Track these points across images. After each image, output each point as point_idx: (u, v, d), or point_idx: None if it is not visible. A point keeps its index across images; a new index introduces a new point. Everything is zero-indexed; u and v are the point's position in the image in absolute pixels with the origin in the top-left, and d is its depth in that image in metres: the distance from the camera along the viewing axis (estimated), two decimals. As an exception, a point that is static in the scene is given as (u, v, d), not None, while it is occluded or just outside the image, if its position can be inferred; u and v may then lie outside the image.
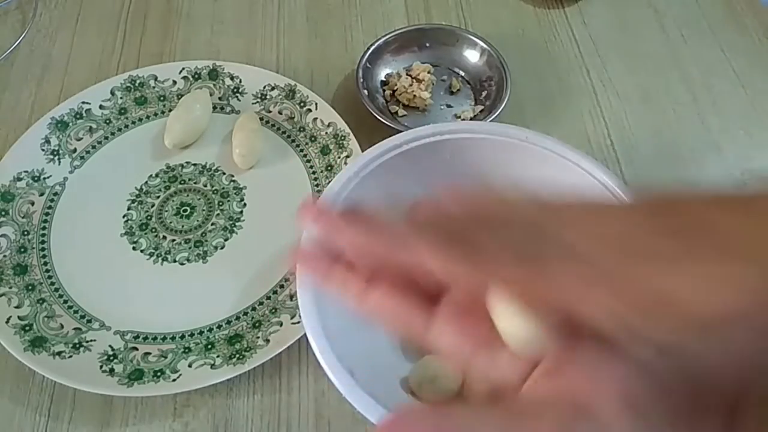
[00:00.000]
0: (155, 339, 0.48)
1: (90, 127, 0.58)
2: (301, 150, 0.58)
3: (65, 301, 0.49)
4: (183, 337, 0.48)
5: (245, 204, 0.55)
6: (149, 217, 0.54)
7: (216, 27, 0.68)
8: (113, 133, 0.59)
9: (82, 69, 0.64)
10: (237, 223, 0.54)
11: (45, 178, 0.55)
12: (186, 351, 0.47)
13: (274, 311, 0.49)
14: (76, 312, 0.49)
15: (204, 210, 0.55)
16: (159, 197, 0.56)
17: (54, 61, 0.65)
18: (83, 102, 0.59)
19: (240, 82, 0.61)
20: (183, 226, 0.54)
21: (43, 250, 0.52)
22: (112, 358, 0.46)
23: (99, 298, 0.50)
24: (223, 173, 0.57)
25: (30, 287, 0.49)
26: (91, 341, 0.47)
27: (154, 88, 0.61)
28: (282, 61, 0.65)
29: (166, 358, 0.46)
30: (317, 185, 0.56)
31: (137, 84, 0.61)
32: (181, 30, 0.68)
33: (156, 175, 0.57)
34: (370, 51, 0.62)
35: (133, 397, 0.46)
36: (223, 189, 0.56)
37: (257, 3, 0.70)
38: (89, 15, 0.69)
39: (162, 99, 0.61)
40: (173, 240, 0.53)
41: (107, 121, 0.59)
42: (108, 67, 0.65)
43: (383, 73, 0.63)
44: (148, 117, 0.60)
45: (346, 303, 0.27)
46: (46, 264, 0.51)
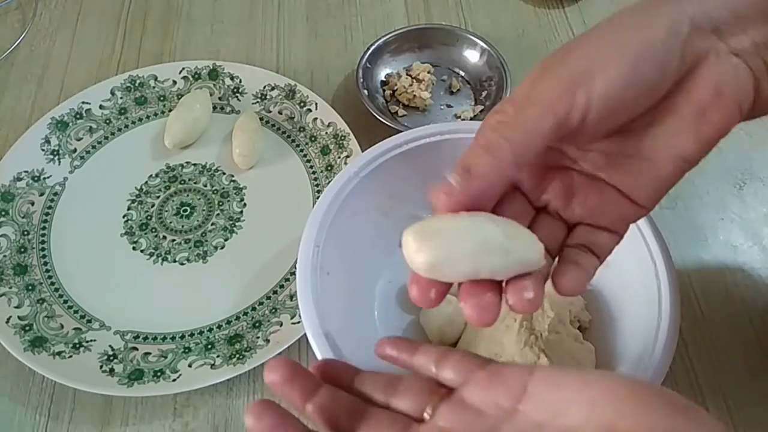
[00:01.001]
0: (155, 339, 0.48)
1: (90, 127, 0.58)
2: (301, 150, 0.58)
3: (65, 301, 0.49)
4: (183, 337, 0.48)
5: (245, 204, 0.55)
6: (149, 217, 0.54)
7: (216, 27, 0.68)
8: (113, 133, 0.59)
9: (82, 69, 0.64)
10: (237, 223, 0.54)
11: (45, 178, 0.55)
12: (186, 351, 0.47)
13: (274, 311, 0.49)
14: (76, 312, 0.49)
15: (204, 210, 0.55)
16: (159, 197, 0.56)
17: (54, 61, 0.65)
18: (83, 102, 0.59)
19: (240, 82, 0.61)
20: (183, 226, 0.54)
21: (43, 250, 0.52)
22: (112, 358, 0.46)
23: (99, 298, 0.50)
24: (223, 173, 0.57)
25: (30, 287, 0.49)
26: (91, 341, 0.47)
27: (154, 88, 0.61)
28: (282, 61, 0.65)
29: (166, 358, 0.46)
30: (317, 185, 0.56)
31: (137, 84, 0.61)
32: (181, 30, 0.68)
33: (156, 175, 0.57)
34: (370, 51, 0.62)
35: (133, 397, 0.46)
36: (223, 189, 0.56)
37: (257, 3, 0.70)
38: (89, 15, 0.69)
39: (162, 99, 0.61)
40: (173, 240, 0.53)
41: (107, 121, 0.59)
42: (108, 67, 0.65)
43: (383, 73, 0.63)
44: (148, 117, 0.60)
45: None
46: (46, 264, 0.51)
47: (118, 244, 0.53)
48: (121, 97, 0.60)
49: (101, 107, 0.59)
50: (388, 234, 0.44)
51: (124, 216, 0.54)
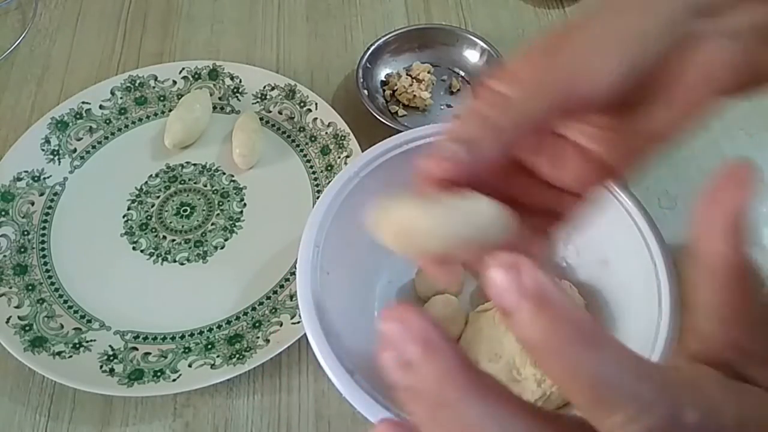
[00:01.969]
0: (155, 339, 0.48)
1: (90, 127, 0.58)
2: (301, 150, 0.58)
3: (65, 301, 0.49)
4: (183, 337, 0.48)
5: (245, 204, 0.55)
6: (149, 217, 0.54)
7: (216, 27, 0.68)
8: (113, 133, 0.59)
9: (82, 69, 0.64)
10: (237, 223, 0.54)
11: (45, 178, 0.55)
12: (186, 351, 0.47)
13: (274, 311, 0.49)
14: (76, 312, 0.49)
15: (204, 210, 0.55)
16: (159, 197, 0.56)
17: (54, 61, 0.65)
18: (83, 102, 0.59)
19: (240, 82, 0.61)
20: (183, 226, 0.54)
21: (43, 250, 0.52)
22: (112, 358, 0.46)
23: (99, 298, 0.50)
24: (223, 173, 0.57)
25: (30, 287, 0.49)
26: (91, 341, 0.47)
27: (154, 88, 0.61)
28: (282, 61, 0.65)
29: (166, 358, 0.46)
30: (317, 185, 0.56)
31: (137, 84, 0.61)
32: (181, 30, 0.68)
33: (156, 175, 0.57)
34: (370, 51, 0.62)
35: (133, 397, 0.46)
36: (223, 189, 0.56)
37: (257, 3, 0.70)
38: (89, 15, 0.69)
39: (162, 99, 0.61)
40: (173, 240, 0.53)
41: (107, 121, 0.59)
42: (108, 67, 0.65)
43: (383, 73, 0.63)
44: (148, 117, 0.60)
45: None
46: (46, 264, 0.51)
47: (118, 244, 0.53)
48: (121, 97, 0.60)
49: (101, 107, 0.59)
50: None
51: (124, 216, 0.54)
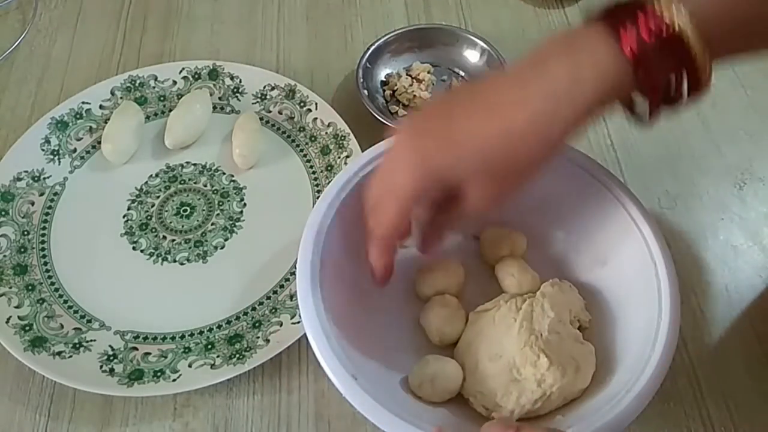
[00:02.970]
0: (155, 339, 0.48)
1: (90, 127, 0.58)
2: (301, 150, 0.58)
3: (65, 301, 0.49)
4: (183, 337, 0.48)
5: (245, 204, 0.55)
6: (149, 217, 0.54)
7: (216, 27, 0.68)
8: (113, 133, 0.59)
9: (82, 69, 0.64)
10: (237, 223, 0.54)
11: (45, 178, 0.55)
12: (186, 351, 0.47)
13: (274, 311, 0.49)
14: (76, 312, 0.49)
15: (204, 210, 0.55)
16: (159, 197, 0.56)
17: (54, 61, 0.65)
18: (83, 102, 0.59)
19: (240, 82, 0.61)
20: (183, 226, 0.54)
21: (43, 250, 0.52)
22: (112, 358, 0.46)
23: (99, 298, 0.50)
24: (223, 173, 0.57)
25: (30, 287, 0.49)
26: (91, 341, 0.47)
27: (154, 88, 0.61)
28: (282, 61, 0.65)
29: (166, 358, 0.46)
30: (317, 185, 0.56)
31: (137, 84, 0.61)
32: (181, 30, 0.68)
33: (156, 175, 0.57)
34: (370, 51, 0.62)
35: (133, 397, 0.46)
36: (223, 189, 0.56)
37: (257, 3, 0.70)
38: (89, 15, 0.69)
39: (162, 99, 0.61)
40: (173, 240, 0.53)
41: (107, 121, 0.59)
42: (108, 67, 0.65)
43: (383, 73, 0.63)
44: (148, 117, 0.60)
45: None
46: (46, 264, 0.51)
47: (118, 244, 0.53)
48: (121, 97, 0.60)
49: (101, 107, 0.59)
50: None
51: (124, 216, 0.54)
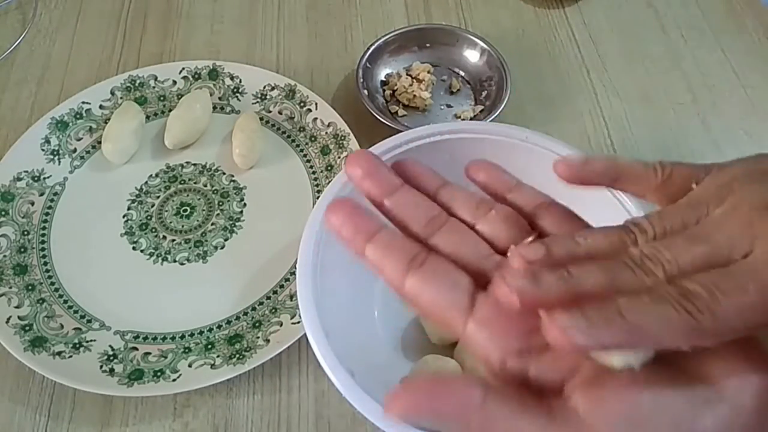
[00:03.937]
0: (155, 339, 0.48)
1: (90, 127, 0.58)
2: (301, 150, 0.58)
3: (65, 301, 0.49)
4: (183, 337, 0.48)
5: (245, 204, 0.55)
6: (149, 217, 0.54)
7: (216, 27, 0.68)
8: (113, 133, 0.59)
9: (82, 69, 0.64)
10: (237, 223, 0.54)
11: (45, 178, 0.55)
12: (186, 351, 0.47)
13: (274, 311, 0.49)
14: (76, 312, 0.49)
15: (204, 210, 0.55)
16: (159, 197, 0.56)
17: (54, 61, 0.65)
18: (83, 102, 0.59)
19: (240, 82, 0.61)
20: (183, 226, 0.54)
21: (43, 250, 0.52)
22: (112, 358, 0.46)
23: (99, 298, 0.50)
24: (223, 173, 0.57)
25: (30, 287, 0.49)
26: (91, 341, 0.47)
27: (154, 88, 0.61)
28: (282, 61, 0.65)
29: (166, 358, 0.46)
30: (317, 185, 0.56)
31: (137, 84, 0.60)
32: (181, 30, 0.68)
33: (156, 175, 0.57)
34: (370, 51, 0.62)
35: (133, 397, 0.46)
36: (223, 189, 0.56)
37: (257, 3, 0.70)
38: (89, 15, 0.69)
39: (162, 99, 0.61)
40: (173, 240, 0.53)
41: (107, 121, 0.59)
42: (108, 67, 0.65)
43: (383, 73, 0.63)
44: (148, 117, 0.60)
45: (382, 275, 0.24)
46: (46, 264, 0.51)
47: (118, 244, 0.53)
48: (121, 97, 0.60)
49: (101, 107, 0.59)
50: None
51: (124, 216, 0.54)
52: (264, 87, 0.61)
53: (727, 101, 0.63)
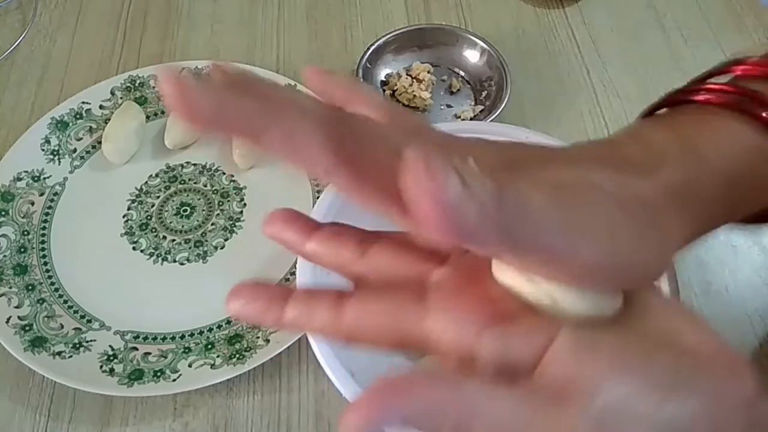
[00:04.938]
0: (155, 339, 0.48)
1: (90, 127, 0.58)
2: (301, 150, 0.58)
3: (65, 301, 0.49)
4: (183, 337, 0.48)
5: (245, 204, 0.55)
6: (149, 217, 0.54)
7: (216, 27, 0.68)
8: (113, 133, 0.59)
9: (82, 69, 0.64)
10: (237, 223, 0.54)
11: (45, 178, 0.55)
12: (186, 351, 0.47)
13: (274, 311, 0.49)
14: (76, 312, 0.49)
15: (204, 210, 0.55)
16: (159, 197, 0.56)
17: (54, 61, 0.65)
18: (83, 102, 0.59)
19: (240, 82, 0.61)
20: (183, 226, 0.54)
21: (43, 250, 0.52)
22: (112, 358, 0.46)
23: (99, 298, 0.50)
24: (223, 173, 0.57)
25: (30, 287, 0.49)
26: (91, 341, 0.47)
27: (154, 88, 0.61)
28: (282, 61, 0.65)
29: (166, 358, 0.46)
30: (317, 185, 0.56)
31: (137, 84, 0.60)
32: (181, 30, 0.68)
33: (156, 175, 0.57)
34: (370, 51, 0.62)
35: (133, 397, 0.46)
36: (223, 189, 0.56)
37: (257, 3, 0.70)
38: (89, 15, 0.69)
39: (162, 99, 0.60)
40: (173, 240, 0.53)
41: (107, 121, 0.59)
42: (108, 67, 0.65)
43: (383, 73, 0.63)
44: (148, 117, 0.60)
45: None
46: (46, 264, 0.51)
47: (118, 244, 0.53)
48: (121, 97, 0.60)
49: (101, 107, 0.59)
50: (388, 234, 0.44)
51: (124, 216, 0.54)
52: (264, 87, 0.60)
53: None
